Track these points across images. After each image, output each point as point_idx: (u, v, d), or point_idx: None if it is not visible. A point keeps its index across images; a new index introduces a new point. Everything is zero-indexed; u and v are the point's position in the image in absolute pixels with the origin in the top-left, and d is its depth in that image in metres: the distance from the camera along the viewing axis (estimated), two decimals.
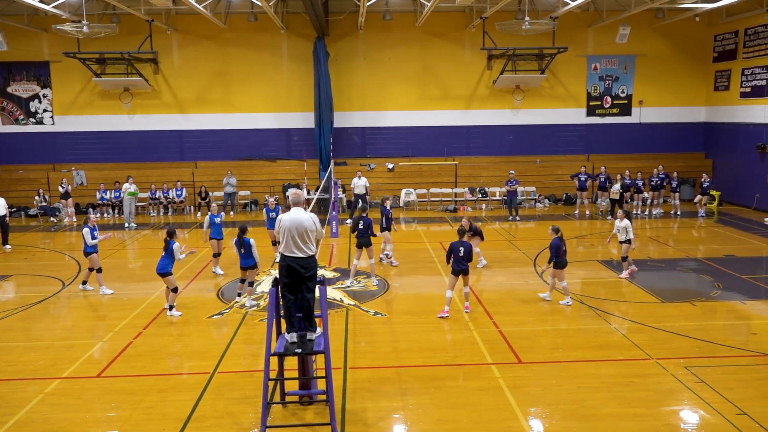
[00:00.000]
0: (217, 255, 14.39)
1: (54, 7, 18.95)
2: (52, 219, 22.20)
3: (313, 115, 23.72)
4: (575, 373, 8.77)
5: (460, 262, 11.14)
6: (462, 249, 11.12)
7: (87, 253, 12.99)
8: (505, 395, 8.10)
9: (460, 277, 11.29)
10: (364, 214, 13.54)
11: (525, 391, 8.24)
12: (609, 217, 21.03)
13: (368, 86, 24.68)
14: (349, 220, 20.23)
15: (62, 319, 11.78)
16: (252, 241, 11.87)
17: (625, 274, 13.84)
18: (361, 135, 25.24)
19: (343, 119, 24.56)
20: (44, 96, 24.35)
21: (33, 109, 24.39)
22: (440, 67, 24.66)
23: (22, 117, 24.41)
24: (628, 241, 13.71)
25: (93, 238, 12.87)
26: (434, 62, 24.62)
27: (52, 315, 11.94)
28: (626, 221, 13.76)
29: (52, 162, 24.69)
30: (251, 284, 12.23)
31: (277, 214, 13.72)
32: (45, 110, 24.43)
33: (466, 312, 11.46)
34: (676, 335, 10.19)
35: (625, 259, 13.88)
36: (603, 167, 22.44)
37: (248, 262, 11.94)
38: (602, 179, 21.74)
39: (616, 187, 20.79)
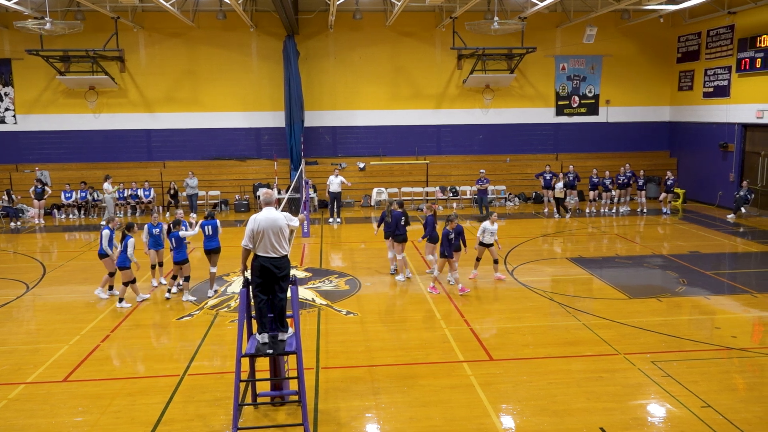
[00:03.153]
0: (154, 267, 13.55)
1: (15, 3, 18.46)
2: (11, 225, 21.43)
3: (283, 114, 23.58)
4: (545, 370, 8.88)
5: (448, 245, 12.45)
6: (453, 233, 12.46)
7: (102, 256, 12.38)
8: (477, 392, 8.17)
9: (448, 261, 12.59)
10: (392, 208, 13.74)
11: (496, 388, 8.31)
12: (557, 216, 21.32)
13: (339, 85, 24.62)
14: (331, 219, 20.13)
15: (26, 322, 11.49)
16: (181, 233, 12.18)
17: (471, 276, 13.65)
18: (332, 134, 25.17)
19: (313, 118, 24.46)
20: (6, 94, 23.72)
21: None
22: (411, 67, 24.73)
23: None
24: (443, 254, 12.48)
25: (111, 242, 12.37)
26: (405, 62, 24.68)
27: (16, 318, 11.64)
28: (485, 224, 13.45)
29: (15, 162, 24.07)
30: (187, 279, 12.50)
31: (160, 231, 13.27)
32: (7, 109, 23.81)
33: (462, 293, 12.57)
34: (643, 330, 10.39)
35: (478, 259, 13.75)
36: (571, 166, 22.77)
37: (181, 256, 12.26)
38: (570, 178, 22.05)
39: (559, 185, 21.13)
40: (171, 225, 12.48)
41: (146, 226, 13.41)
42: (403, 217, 13.56)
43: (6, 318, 11.61)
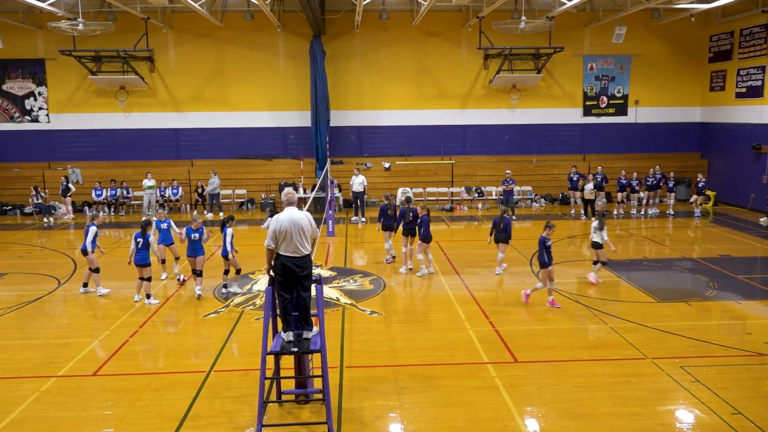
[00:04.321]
0: (163, 261, 13.92)
1: (50, 4, 18.87)
2: (45, 220, 21.96)
3: (309, 113, 23.70)
4: (571, 373, 8.79)
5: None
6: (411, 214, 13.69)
7: (85, 252, 12.83)
8: (501, 394, 8.12)
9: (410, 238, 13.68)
10: (410, 205, 14.45)
11: (521, 390, 8.25)
12: (584, 217, 21.09)
13: (365, 85, 24.67)
14: (355, 218, 20.18)
15: (58, 317, 11.74)
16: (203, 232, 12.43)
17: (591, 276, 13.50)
18: (357, 134, 25.23)
19: (339, 118, 24.55)
20: (39, 94, 24.26)
21: (28, 107, 24.30)
22: (436, 67, 24.67)
23: (17, 115, 24.31)
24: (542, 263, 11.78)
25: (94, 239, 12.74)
26: (430, 61, 24.63)
27: (48, 313, 11.90)
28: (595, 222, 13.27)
29: (48, 160, 24.60)
30: (200, 273, 12.51)
31: (168, 226, 13.75)
32: (40, 108, 24.34)
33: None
34: (672, 335, 10.22)
35: (595, 262, 13.53)
36: (599, 167, 22.48)
37: (196, 251, 12.39)
38: (598, 179, 21.78)
39: (589, 186, 20.86)
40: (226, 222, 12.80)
41: (154, 222, 13.73)
42: (411, 213, 14.25)
43: (38, 312, 11.88)
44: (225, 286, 12.99)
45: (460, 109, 25.05)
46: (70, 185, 22.30)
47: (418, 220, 13.98)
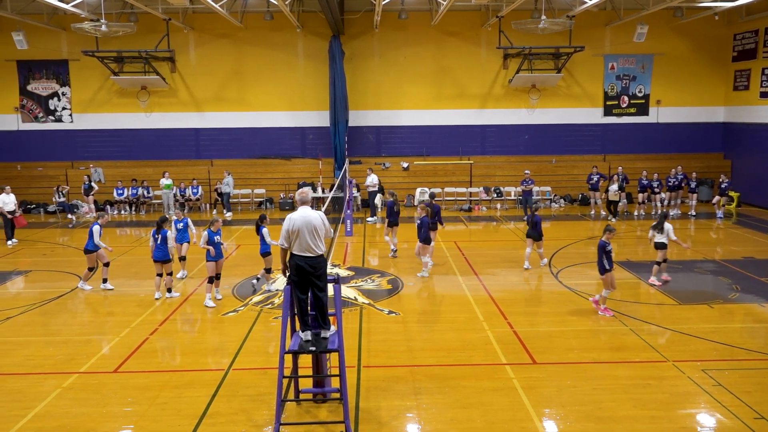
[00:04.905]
0: (181, 259, 14.09)
1: (73, 6, 19.14)
2: (70, 216, 22.42)
3: (328, 113, 23.77)
4: (591, 375, 8.71)
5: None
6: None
7: (88, 251, 12.95)
8: (520, 396, 8.07)
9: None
10: (434, 201, 15.12)
11: (539, 392, 8.19)
12: (611, 218, 20.87)
13: (383, 85, 24.68)
14: (371, 218, 20.25)
15: (80, 314, 11.90)
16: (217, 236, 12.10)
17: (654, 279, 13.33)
18: (376, 134, 25.25)
19: (358, 118, 24.59)
20: (63, 94, 24.63)
21: (52, 107, 24.69)
22: (455, 66, 24.60)
23: (41, 115, 24.71)
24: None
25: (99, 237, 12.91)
26: (449, 61, 24.57)
27: (70, 310, 12.08)
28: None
29: (71, 159, 24.97)
30: (217, 277, 12.21)
31: (185, 226, 13.88)
32: (64, 108, 24.71)
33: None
34: (694, 338, 10.08)
35: (659, 263, 13.29)
36: (620, 167, 22.25)
37: (218, 255, 12.07)
38: (620, 179, 21.54)
39: (613, 187, 20.64)
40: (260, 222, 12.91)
41: (173, 221, 13.81)
42: (434, 208, 15.07)
43: (61, 310, 12.05)
44: (257, 280, 13.25)
45: (479, 109, 24.96)
46: (93, 184, 22.62)
47: (419, 221, 14.06)
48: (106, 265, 13.24)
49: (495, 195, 24.42)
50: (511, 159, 25.24)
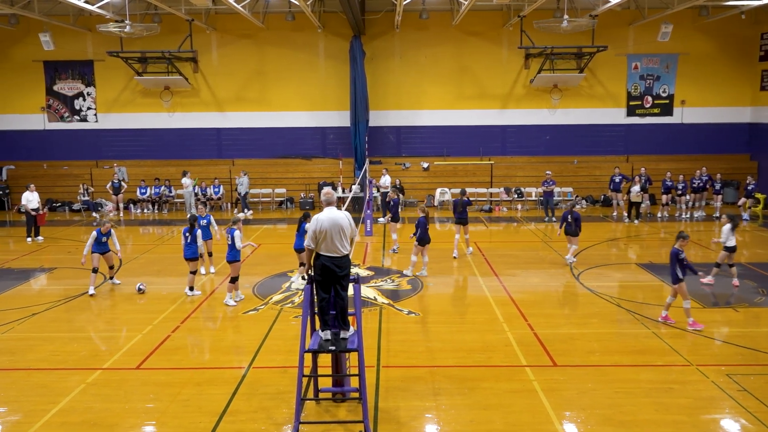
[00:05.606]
0: (201, 255, 13.88)
1: (98, 7, 19.44)
2: (94, 214, 22.82)
3: (348, 113, 23.82)
4: (612, 378, 8.61)
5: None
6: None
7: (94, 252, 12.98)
8: (540, 398, 8.01)
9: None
10: (464, 197, 15.90)
11: (560, 394, 8.13)
12: (626, 220, 20.66)
13: (404, 85, 24.68)
14: (382, 219, 20.26)
15: (103, 311, 12.07)
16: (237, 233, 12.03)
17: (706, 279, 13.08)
18: (396, 134, 25.25)
19: (378, 118, 24.61)
20: (88, 94, 25.01)
21: (77, 107, 25.08)
22: (476, 66, 24.51)
23: (67, 114, 25.11)
24: (727, 248, 12.63)
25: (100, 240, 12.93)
26: (470, 61, 24.48)
27: (94, 307, 12.25)
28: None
29: (95, 158, 25.34)
30: (232, 280, 12.16)
31: (208, 222, 14.09)
32: (89, 108, 25.09)
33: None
34: (718, 342, 9.93)
35: (718, 265, 13.08)
36: (643, 168, 21.98)
37: (233, 255, 11.95)
38: (642, 181, 21.32)
39: (635, 188, 20.40)
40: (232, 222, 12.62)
41: (188, 215, 13.88)
42: (462, 205, 15.70)
43: (85, 307, 12.24)
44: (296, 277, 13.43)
45: (499, 109, 24.83)
46: (122, 183, 22.95)
47: (419, 221, 14.01)
48: (94, 271, 13.00)
49: (516, 196, 24.27)
50: (532, 159, 25.07)
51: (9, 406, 7.99)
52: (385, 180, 21.61)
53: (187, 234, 12.42)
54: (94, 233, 12.93)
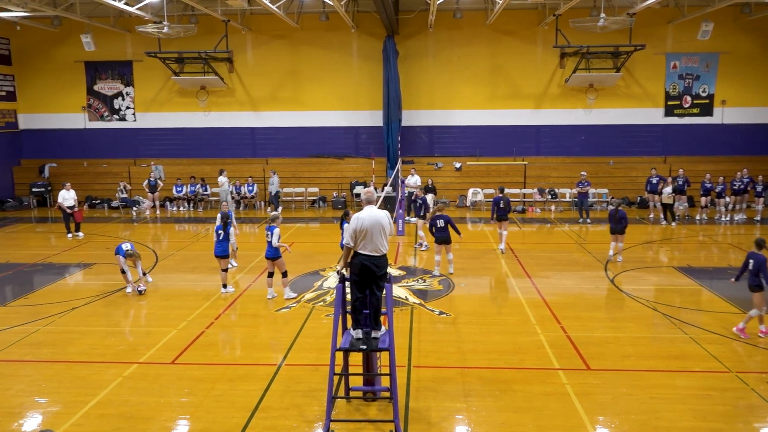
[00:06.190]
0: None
1: (138, 8, 19.86)
2: (133, 210, 23.34)
3: (381, 113, 23.85)
4: (648, 383, 8.45)
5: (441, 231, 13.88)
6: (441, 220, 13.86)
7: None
8: (572, 402, 7.91)
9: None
10: (502, 194, 16.29)
11: (593, 398, 8.01)
12: (663, 222, 20.24)
13: (437, 85, 24.61)
14: (414, 219, 20.21)
15: (140, 307, 12.32)
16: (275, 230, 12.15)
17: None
18: (428, 133, 25.20)
19: (411, 117, 24.59)
20: (127, 94, 25.56)
21: (117, 107, 25.66)
22: (510, 66, 24.30)
23: (106, 114, 25.71)
24: (759, 287, 10.00)
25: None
26: (504, 60, 24.29)
27: (131, 303, 12.51)
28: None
29: (133, 157, 25.89)
30: (284, 274, 12.41)
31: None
32: (128, 107, 25.64)
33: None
34: (759, 348, 9.66)
35: None
36: (681, 170, 21.52)
37: (274, 252, 12.14)
38: (680, 182, 20.87)
39: (667, 190, 19.95)
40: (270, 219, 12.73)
41: (219, 214, 13.91)
42: (502, 202, 16.15)
43: (122, 302, 12.52)
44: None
45: (534, 109, 24.58)
46: (159, 181, 23.43)
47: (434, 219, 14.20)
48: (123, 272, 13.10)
49: (549, 197, 23.99)
50: (567, 160, 24.75)
51: (50, 397, 8.22)
52: (413, 180, 21.58)
53: (220, 231, 12.62)
54: (121, 258, 12.87)
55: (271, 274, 12.41)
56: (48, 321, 11.22)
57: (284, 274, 12.43)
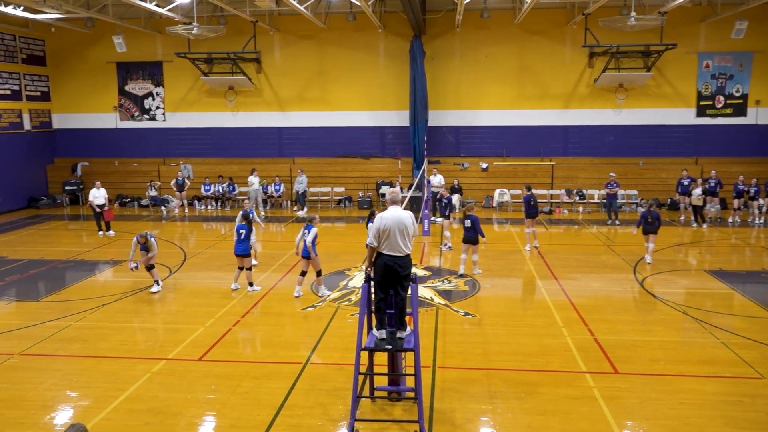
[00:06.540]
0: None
1: (168, 10, 20.15)
2: (162, 208, 23.71)
3: (408, 113, 23.84)
4: (677, 388, 8.31)
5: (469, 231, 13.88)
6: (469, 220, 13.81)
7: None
8: (600, 406, 7.81)
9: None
10: (531, 192, 16.68)
11: (621, 402, 7.90)
12: (694, 224, 19.84)
13: (464, 85, 24.51)
14: (439, 219, 20.16)
15: (168, 303, 12.51)
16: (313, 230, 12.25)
17: None
18: (455, 134, 25.10)
19: (437, 118, 24.53)
20: (157, 94, 25.96)
21: (147, 107, 26.07)
22: (538, 66, 24.09)
23: (137, 114, 26.14)
24: None
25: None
26: (532, 60, 24.08)
27: (160, 299, 12.71)
28: None
29: (163, 156, 26.28)
30: (318, 273, 12.57)
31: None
32: (158, 107, 26.04)
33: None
34: None
35: None
36: (713, 171, 21.08)
37: (308, 251, 12.21)
38: (711, 184, 20.46)
39: (697, 191, 19.54)
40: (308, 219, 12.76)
41: (240, 213, 14.02)
42: (533, 200, 16.53)
43: (151, 299, 12.71)
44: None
45: (562, 109, 24.32)
46: (186, 180, 23.76)
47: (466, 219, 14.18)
48: (149, 268, 13.18)
49: (577, 198, 23.72)
50: (595, 161, 24.44)
51: (81, 392, 8.40)
52: (436, 179, 21.56)
53: (242, 231, 12.74)
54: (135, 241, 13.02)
55: (303, 273, 12.52)
56: (79, 317, 11.45)
57: (318, 273, 12.54)
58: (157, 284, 13.09)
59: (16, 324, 11.07)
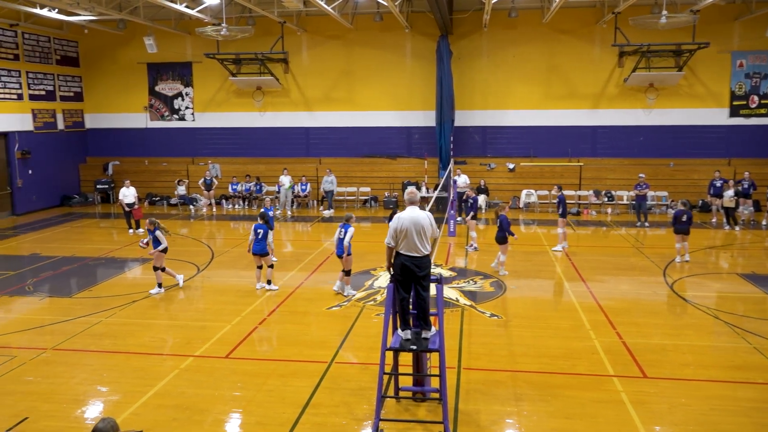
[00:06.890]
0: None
1: (198, 11, 20.42)
2: (191, 207, 24.04)
3: (434, 113, 23.79)
4: (707, 394, 8.15)
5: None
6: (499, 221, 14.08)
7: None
8: (627, 410, 7.70)
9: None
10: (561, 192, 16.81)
11: (649, 407, 7.77)
12: (726, 227, 19.40)
13: (491, 85, 24.36)
14: (459, 218, 20.15)
15: (196, 301, 12.67)
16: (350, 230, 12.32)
17: None
18: (482, 134, 24.97)
19: (464, 118, 24.41)
20: (186, 94, 26.31)
21: (176, 107, 26.45)
22: (566, 65, 23.83)
23: (167, 113, 26.54)
24: None
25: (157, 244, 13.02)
26: (560, 60, 23.83)
27: (188, 297, 12.89)
28: None
29: (192, 155, 26.63)
30: (347, 273, 12.62)
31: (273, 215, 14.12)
32: (187, 107, 26.40)
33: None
34: None
35: None
36: (746, 173, 20.62)
37: (339, 250, 12.39)
38: (744, 185, 20.01)
39: (729, 193, 19.12)
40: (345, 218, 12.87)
41: (262, 210, 14.16)
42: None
43: (179, 296, 12.89)
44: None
45: (590, 109, 24.03)
46: (214, 179, 24.06)
47: (499, 222, 14.33)
48: (163, 269, 13.22)
49: (606, 199, 23.41)
50: (624, 162, 24.09)
51: (110, 387, 8.56)
52: (461, 180, 21.48)
53: (259, 231, 12.83)
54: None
55: (347, 272, 12.65)
56: (110, 313, 11.67)
57: (347, 273, 12.59)
58: (159, 287, 12.99)
59: (49, 319, 11.33)
